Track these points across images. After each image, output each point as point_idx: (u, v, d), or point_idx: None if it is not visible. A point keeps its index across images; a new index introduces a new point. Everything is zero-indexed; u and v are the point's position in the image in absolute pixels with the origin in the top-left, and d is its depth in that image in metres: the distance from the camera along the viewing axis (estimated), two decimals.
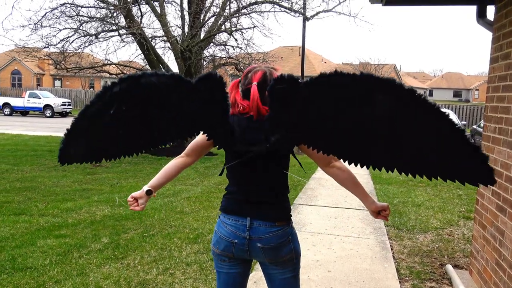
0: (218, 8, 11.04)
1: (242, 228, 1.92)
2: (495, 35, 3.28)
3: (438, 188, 7.88)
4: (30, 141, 12.99)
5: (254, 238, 1.90)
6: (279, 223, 1.91)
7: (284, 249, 1.93)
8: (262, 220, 1.90)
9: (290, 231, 1.96)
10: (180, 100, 1.78)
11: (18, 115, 26.76)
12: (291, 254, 1.95)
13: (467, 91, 67.90)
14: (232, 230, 1.93)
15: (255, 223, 1.91)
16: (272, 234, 1.90)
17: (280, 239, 1.91)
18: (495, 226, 3.09)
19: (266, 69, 1.92)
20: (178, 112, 1.81)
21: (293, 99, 1.67)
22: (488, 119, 3.37)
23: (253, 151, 1.86)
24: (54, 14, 10.02)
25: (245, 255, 1.96)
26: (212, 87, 1.77)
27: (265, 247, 1.90)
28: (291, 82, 1.67)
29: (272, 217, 1.91)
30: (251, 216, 1.91)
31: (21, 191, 6.56)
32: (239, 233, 1.92)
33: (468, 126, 22.39)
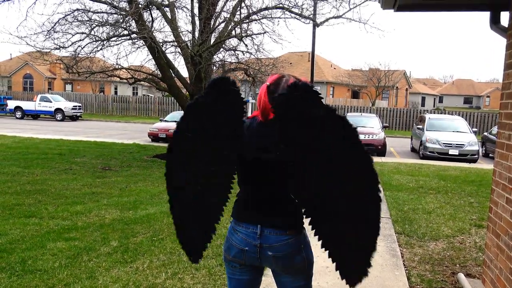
0: (229, 14, 11.08)
1: (252, 235, 1.89)
2: (510, 41, 3.25)
3: (449, 195, 7.79)
4: (41, 144, 13.11)
5: (265, 246, 1.87)
6: (290, 232, 1.88)
7: (295, 258, 1.89)
8: (272, 228, 1.87)
9: (302, 239, 1.92)
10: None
11: (29, 119, 27.07)
12: (303, 263, 1.92)
13: (477, 98, 67.33)
14: (243, 237, 1.91)
15: (266, 231, 1.87)
16: (283, 243, 1.87)
17: (292, 248, 1.88)
18: (509, 234, 3.04)
19: (285, 75, 1.88)
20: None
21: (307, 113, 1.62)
22: (502, 126, 3.33)
23: (262, 158, 1.82)
24: (67, 20, 10.14)
25: (256, 262, 1.93)
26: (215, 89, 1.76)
27: (276, 256, 1.87)
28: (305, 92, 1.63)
29: (282, 225, 1.87)
30: (262, 224, 1.88)
31: (31, 193, 6.61)
32: (250, 240, 1.89)
33: (479, 133, 22.17)
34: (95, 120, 28.54)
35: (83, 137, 16.42)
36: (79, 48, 10.37)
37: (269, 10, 11.13)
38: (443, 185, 8.83)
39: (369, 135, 14.46)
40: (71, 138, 15.70)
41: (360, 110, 28.42)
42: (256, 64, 12.21)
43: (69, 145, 13.41)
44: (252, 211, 1.93)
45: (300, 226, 1.92)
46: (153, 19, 10.90)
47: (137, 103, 33.36)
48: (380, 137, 14.47)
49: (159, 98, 33.64)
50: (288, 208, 1.90)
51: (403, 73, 45.91)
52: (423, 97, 55.64)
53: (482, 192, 8.07)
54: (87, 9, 10.27)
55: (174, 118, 17.48)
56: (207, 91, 1.76)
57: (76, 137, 16.15)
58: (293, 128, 1.66)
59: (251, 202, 1.94)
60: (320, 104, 1.62)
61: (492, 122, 26.36)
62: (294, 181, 1.74)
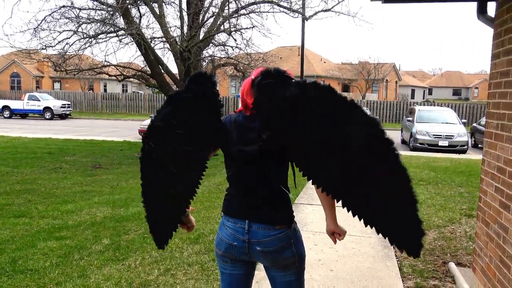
0: (217, 9, 11.01)
1: (240, 231, 1.89)
2: (497, 31, 3.26)
3: (439, 186, 7.86)
4: (30, 144, 12.97)
5: (253, 242, 1.88)
6: (279, 227, 1.87)
7: (285, 252, 1.88)
8: (260, 223, 1.87)
9: (292, 234, 1.91)
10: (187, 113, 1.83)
11: (17, 118, 26.74)
12: (293, 258, 1.91)
13: (466, 90, 67.91)
14: (232, 232, 1.91)
15: (254, 226, 1.88)
16: (271, 238, 1.87)
17: (281, 243, 1.87)
18: (498, 223, 3.07)
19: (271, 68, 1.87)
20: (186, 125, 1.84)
21: (281, 95, 1.64)
22: (490, 116, 3.35)
23: (246, 151, 1.83)
24: (53, 17, 10.01)
25: (245, 257, 1.93)
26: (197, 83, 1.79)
27: (265, 251, 1.87)
28: (278, 78, 1.65)
29: (270, 220, 1.87)
30: (250, 219, 1.89)
31: (21, 193, 6.54)
32: (238, 235, 1.90)
33: (468, 124, 22.37)
34: (85, 118, 28.29)
35: (72, 136, 16.27)
36: (67, 45, 10.25)
37: (258, 4, 11.09)
38: (434, 176, 8.90)
39: None
40: (60, 136, 15.54)
41: None
42: (245, 59, 12.17)
43: (58, 144, 13.28)
44: (240, 206, 1.92)
45: (289, 221, 1.91)
46: (141, 15, 10.80)
47: (127, 100, 33.11)
48: None
49: (149, 95, 33.43)
50: (277, 202, 1.90)
51: (393, 66, 46.12)
52: (412, 90, 55.97)
53: (471, 182, 8.16)
54: (74, 6, 10.14)
55: None
56: (187, 85, 1.81)
57: (66, 136, 16.00)
58: (272, 114, 1.67)
59: (239, 197, 1.94)
60: (294, 84, 1.63)
61: (481, 113, 26.61)
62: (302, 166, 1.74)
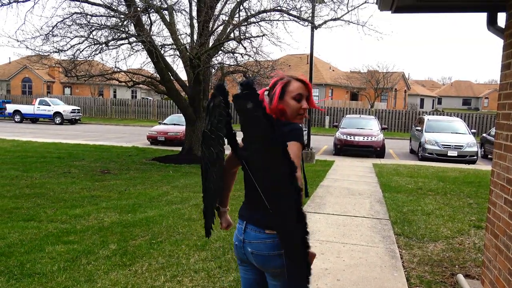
0: (227, 17, 11.11)
1: (240, 230, 1.99)
2: (507, 42, 3.26)
3: (448, 196, 7.79)
4: (39, 148, 13.10)
5: (246, 242, 1.94)
6: (269, 232, 1.87)
7: (273, 261, 1.87)
8: (253, 224, 1.93)
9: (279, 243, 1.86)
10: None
11: (28, 122, 27.06)
12: (281, 270, 1.86)
13: (476, 100, 67.42)
14: (236, 232, 2.03)
15: (249, 227, 1.94)
16: (260, 241, 1.89)
17: (270, 250, 1.87)
18: (507, 235, 3.04)
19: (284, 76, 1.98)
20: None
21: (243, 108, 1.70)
22: (500, 127, 3.33)
23: (243, 155, 1.91)
24: (65, 23, 10.15)
25: (244, 257, 2.00)
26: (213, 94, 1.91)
27: (254, 253, 1.91)
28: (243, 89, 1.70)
29: (261, 223, 1.89)
30: (247, 220, 1.97)
31: (30, 197, 6.60)
32: (239, 235, 2.00)
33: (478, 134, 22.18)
34: (94, 124, 28.54)
35: (82, 141, 16.42)
36: (78, 51, 10.38)
37: (268, 13, 11.16)
38: (442, 186, 8.83)
39: (368, 137, 14.48)
40: (70, 141, 15.69)
41: (359, 112, 28.45)
42: (255, 67, 12.22)
43: (68, 148, 13.40)
44: (244, 208, 2.04)
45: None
46: (152, 22, 10.92)
47: (136, 106, 33.37)
48: (379, 139, 14.49)
49: (158, 101, 33.66)
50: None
51: (402, 75, 45.97)
52: (421, 99, 55.70)
53: (481, 193, 8.07)
54: (86, 13, 10.28)
55: (173, 121, 17.48)
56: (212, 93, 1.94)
57: (75, 141, 16.14)
58: (242, 125, 1.79)
59: (245, 199, 2.06)
60: (251, 98, 1.66)
61: (491, 123, 26.40)
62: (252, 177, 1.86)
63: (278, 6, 11.09)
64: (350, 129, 15.15)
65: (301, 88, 1.94)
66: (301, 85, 1.95)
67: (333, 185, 8.60)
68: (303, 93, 1.94)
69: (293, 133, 1.82)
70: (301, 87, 1.95)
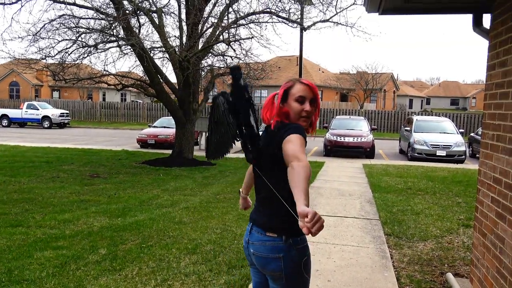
0: (216, 19, 11.10)
1: (247, 232, 2.03)
2: (492, 43, 3.30)
3: (437, 196, 7.86)
4: (27, 153, 12.95)
5: (250, 243, 1.97)
6: (270, 234, 1.89)
7: (272, 264, 1.88)
8: (256, 226, 1.97)
9: (283, 248, 1.86)
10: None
11: (16, 127, 26.74)
12: (279, 274, 1.88)
13: (464, 99, 68.20)
14: (245, 234, 2.08)
15: (254, 229, 1.98)
16: (261, 243, 1.91)
17: (269, 253, 1.88)
18: (495, 233, 3.08)
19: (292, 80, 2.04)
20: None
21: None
22: (486, 126, 3.38)
23: (248, 157, 1.95)
24: (53, 26, 10.06)
25: (250, 259, 2.04)
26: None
27: (255, 254, 1.94)
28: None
29: (263, 224, 1.93)
30: (253, 222, 2.00)
31: (18, 202, 6.52)
32: (245, 236, 2.05)
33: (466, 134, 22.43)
34: (83, 127, 28.30)
35: (71, 145, 16.27)
36: (66, 54, 10.29)
37: (257, 15, 11.17)
38: (431, 186, 8.91)
39: (358, 138, 14.56)
40: (58, 145, 15.54)
41: (349, 113, 28.60)
42: (245, 69, 12.23)
43: (56, 152, 13.26)
44: (253, 211, 2.08)
45: (282, 232, 1.88)
46: (141, 25, 10.86)
47: (126, 109, 33.16)
48: (369, 140, 14.58)
49: (147, 104, 33.49)
50: (274, 209, 1.92)
51: (391, 76, 46.32)
52: (410, 99, 56.19)
53: (469, 192, 8.17)
54: (74, 15, 10.20)
55: (163, 124, 17.39)
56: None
57: (64, 145, 15.99)
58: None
59: (255, 203, 2.10)
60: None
61: (479, 123, 26.71)
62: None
63: (267, 8, 11.12)
64: (340, 130, 15.21)
65: (304, 90, 1.95)
66: (305, 88, 1.95)
67: (324, 186, 8.63)
68: (305, 96, 1.94)
69: (293, 128, 1.83)
70: (304, 89, 1.95)
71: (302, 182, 1.61)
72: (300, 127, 1.86)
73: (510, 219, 2.80)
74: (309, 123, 1.99)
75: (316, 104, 1.98)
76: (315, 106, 1.98)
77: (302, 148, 1.75)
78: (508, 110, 2.92)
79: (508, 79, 2.94)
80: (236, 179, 9.14)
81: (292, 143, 1.75)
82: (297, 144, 1.74)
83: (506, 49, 2.98)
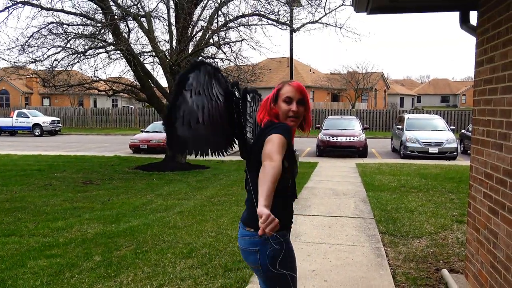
0: (206, 23, 11.10)
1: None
2: (479, 40, 3.34)
3: (430, 193, 7.91)
4: (19, 161, 12.84)
5: (238, 238, 2.10)
6: (248, 229, 2.00)
7: (251, 257, 2.00)
8: (241, 221, 2.09)
9: (259, 241, 1.93)
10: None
11: (6, 135, 26.49)
12: (257, 266, 1.99)
13: (454, 97, 68.77)
14: None
15: (240, 224, 2.10)
16: (242, 237, 2.04)
17: (248, 246, 1.99)
18: (488, 228, 3.10)
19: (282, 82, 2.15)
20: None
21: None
22: (476, 122, 3.41)
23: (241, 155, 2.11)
24: (42, 33, 10.00)
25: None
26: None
27: (239, 248, 2.07)
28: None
29: (244, 220, 2.05)
30: (241, 218, 2.12)
31: (10, 211, 6.45)
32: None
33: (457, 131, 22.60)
34: (75, 134, 28.11)
35: (62, 152, 16.15)
36: (56, 61, 10.23)
37: (246, 18, 11.20)
38: (424, 183, 8.97)
39: (350, 137, 14.61)
40: (50, 153, 15.41)
41: (341, 113, 28.69)
42: (235, 71, 12.24)
43: (48, 160, 13.15)
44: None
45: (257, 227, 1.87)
46: (130, 30, 10.83)
47: (117, 115, 33.01)
48: (361, 139, 14.64)
49: (139, 109, 33.37)
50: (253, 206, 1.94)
51: (381, 75, 46.59)
52: (401, 98, 56.53)
53: (462, 189, 8.22)
54: (62, 22, 10.14)
55: (155, 129, 17.31)
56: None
57: (56, 152, 15.86)
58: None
59: None
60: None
61: (469, 120, 26.93)
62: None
63: (256, 11, 11.15)
64: (332, 130, 15.26)
65: (292, 91, 2.03)
66: (292, 89, 2.04)
67: (318, 186, 8.64)
68: (292, 96, 2.02)
69: (276, 128, 1.91)
70: (291, 90, 2.03)
71: (267, 183, 1.68)
72: (284, 127, 1.93)
73: (503, 213, 2.83)
74: (298, 123, 2.07)
75: (305, 105, 2.05)
76: (305, 106, 2.05)
77: (279, 148, 1.80)
78: (497, 106, 2.95)
79: (496, 75, 2.97)
80: (230, 182, 9.12)
81: (271, 142, 1.83)
82: (274, 144, 1.81)
83: (493, 45, 3.01)
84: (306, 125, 2.13)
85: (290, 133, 1.93)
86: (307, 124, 2.12)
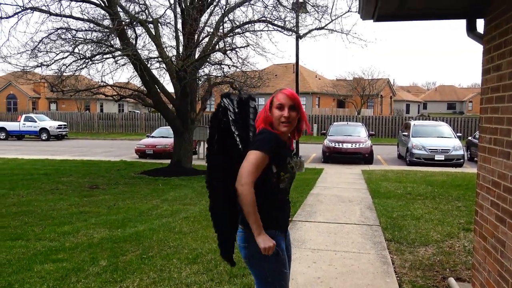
0: (212, 29, 11.16)
1: None
2: (486, 48, 3.33)
3: (437, 200, 7.87)
4: (26, 165, 12.93)
5: None
6: (240, 226, 2.18)
7: (242, 252, 2.19)
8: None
9: (247, 238, 2.12)
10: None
11: (13, 139, 26.70)
12: (246, 259, 2.18)
13: (460, 103, 68.44)
14: None
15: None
16: (237, 234, 2.21)
17: (240, 242, 2.18)
18: (495, 237, 3.08)
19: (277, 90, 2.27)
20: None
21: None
22: (483, 130, 3.39)
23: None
24: (50, 38, 10.10)
25: None
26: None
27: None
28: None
29: (240, 219, 2.18)
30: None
31: (17, 215, 6.49)
32: None
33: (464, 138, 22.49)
34: (81, 139, 28.28)
35: (69, 156, 16.24)
36: (64, 66, 10.32)
37: (252, 24, 11.24)
38: (431, 190, 8.92)
39: (356, 144, 14.58)
40: (57, 157, 15.51)
41: (346, 119, 28.66)
42: (241, 77, 12.27)
43: (55, 164, 13.24)
44: None
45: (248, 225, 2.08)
46: (137, 35, 10.92)
47: (124, 120, 33.18)
48: (367, 145, 14.60)
49: (145, 114, 33.52)
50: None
51: (387, 81, 46.49)
52: (407, 104, 56.36)
53: (469, 196, 8.17)
54: (70, 28, 10.24)
55: (161, 134, 17.40)
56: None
57: (62, 157, 15.97)
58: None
59: None
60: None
61: (476, 127, 26.77)
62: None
63: (263, 17, 11.19)
64: (338, 137, 15.24)
65: (283, 98, 2.15)
66: (283, 96, 2.16)
67: (323, 193, 8.63)
68: (284, 103, 2.14)
69: (257, 142, 2.06)
70: (283, 97, 2.16)
71: (247, 214, 2.00)
72: (265, 139, 2.06)
73: (510, 222, 2.81)
74: (291, 128, 2.18)
75: (298, 110, 2.16)
76: (297, 112, 2.16)
77: (252, 168, 1.98)
78: (504, 114, 2.94)
79: (503, 83, 2.96)
80: None
81: (246, 161, 2.01)
82: (249, 162, 1.99)
83: (500, 53, 3.00)
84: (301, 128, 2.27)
85: (273, 142, 2.06)
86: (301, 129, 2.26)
